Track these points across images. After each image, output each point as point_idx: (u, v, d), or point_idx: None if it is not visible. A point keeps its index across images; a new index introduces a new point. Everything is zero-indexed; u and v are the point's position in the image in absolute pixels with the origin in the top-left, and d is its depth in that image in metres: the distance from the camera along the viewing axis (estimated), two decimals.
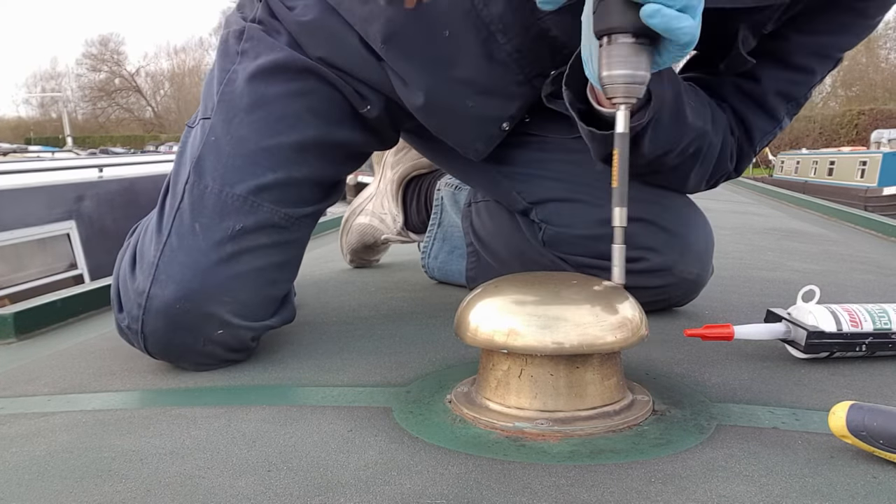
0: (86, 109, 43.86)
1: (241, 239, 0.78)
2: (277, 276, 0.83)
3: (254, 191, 0.79)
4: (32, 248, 4.30)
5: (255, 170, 0.79)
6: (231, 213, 0.78)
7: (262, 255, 0.80)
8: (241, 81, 0.83)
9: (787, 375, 0.73)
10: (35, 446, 0.60)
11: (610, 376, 0.61)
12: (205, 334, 0.76)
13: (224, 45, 0.87)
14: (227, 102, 0.82)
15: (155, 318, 0.75)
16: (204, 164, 0.80)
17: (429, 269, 1.24)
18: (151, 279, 0.75)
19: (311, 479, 0.52)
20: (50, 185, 4.59)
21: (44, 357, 0.89)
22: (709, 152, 0.88)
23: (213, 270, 0.76)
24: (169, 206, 0.80)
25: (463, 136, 0.90)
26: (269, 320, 0.83)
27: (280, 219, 0.81)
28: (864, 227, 2.11)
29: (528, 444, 0.57)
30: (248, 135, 0.81)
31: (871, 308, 0.76)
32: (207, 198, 0.78)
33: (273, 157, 0.80)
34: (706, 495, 0.48)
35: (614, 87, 0.59)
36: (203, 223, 0.77)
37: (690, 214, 0.93)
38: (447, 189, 1.24)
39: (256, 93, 0.82)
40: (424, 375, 0.75)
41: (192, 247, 0.76)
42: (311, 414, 0.65)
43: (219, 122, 0.82)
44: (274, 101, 0.82)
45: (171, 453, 0.57)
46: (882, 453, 0.51)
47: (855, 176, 14.56)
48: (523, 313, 0.59)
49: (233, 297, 0.77)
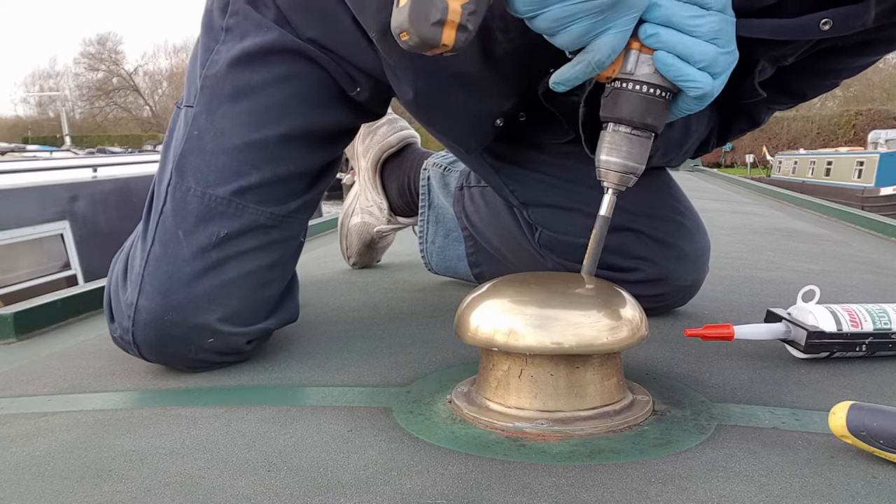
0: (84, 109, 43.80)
1: (226, 245, 0.76)
2: (269, 277, 0.81)
3: (237, 192, 0.76)
4: (26, 248, 4.29)
5: (239, 168, 0.77)
6: (215, 217, 0.75)
7: (249, 260, 0.78)
8: (223, 65, 0.79)
9: (787, 375, 0.73)
10: (35, 446, 0.59)
11: (610, 376, 0.61)
12: (196, 344, 0.75)
13: (208, 18, 0.82)
14: (209, 89, 0.79)
15: (144, 330, 0.74)
16: (186, 162, 0.77)
17: (427, 256, 1.21)
18: (139, 291, 0.74)
19: (311, 479, 0.52)
20: (44, 184, 4.58)
21: (43, 357, 0.89)
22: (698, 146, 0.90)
23: (199, 280, 0.74)
24: (154, 211, 0.78)
25: (455, 131, 0.88)
26: (264, 323, 0.81)
27: (266, 219, 0.78)
28: (863, 226, 2.12)
29: (528, 444, 0.57)
30: (232, 128, 0.77)
31: (872, 308, 0.76)
32: (190, 201, 0.76)
33: (258, 152, 0.78)
34: (706, 495, 0.48)
35: (609, 173, 0.61)
36: (186, 230, 0.75)
37: (684, 222, 0.93)
38: (435, 169, 1.19)
39: (241, 79, 0.78)
40: (424, 375, 0.75)
41: (175, 255, 0.74)
42: (311, 414, 0.65)
43: (201, 112, 0.78)
44: (259, 90, 0.78)
45: (171, 453, 0.57)
46: (882, 453, 0.51)
47: (852, 176, 14.58)
48: (523, 313, 0.59)
49: (222, 306, 0.75)
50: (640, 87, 0.58)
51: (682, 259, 0.91)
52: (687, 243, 0.92)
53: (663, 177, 0.96)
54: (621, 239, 0.91)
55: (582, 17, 0.54)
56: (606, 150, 0.60)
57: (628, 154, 0.60)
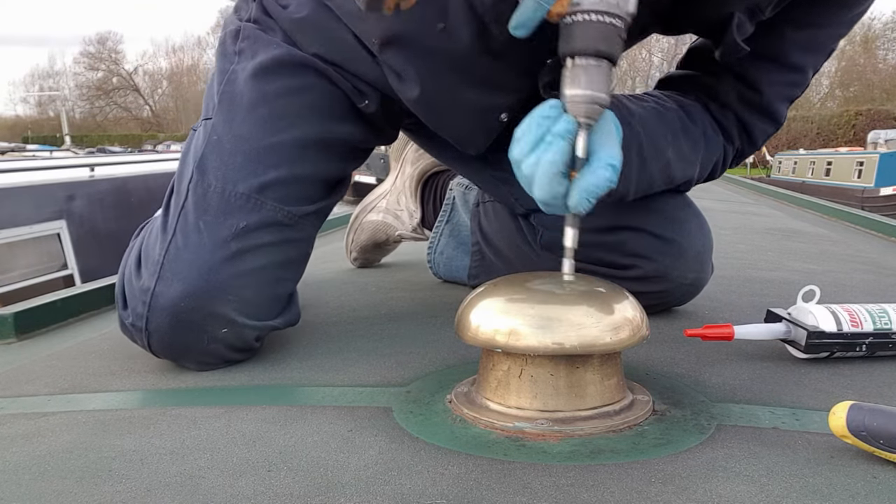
0: (83, 108, 43.78)
1: (244, 237, 0.78)
2: (282, 275, 0.83)
3: (256, 189, 0.79)
4: (22, 247, 4.28)
5: (257, 168, 0.80)
6: (234, 211, 0.78)
7: (266, 254, 0.80)
8: (241, 80, 0.83)
9: (788, 375, 0.73)
10: (35, 446, 0.59)
11: (610, 376, 0.61)
12: (209, 333, 0.76)
13: (222, 47, 0.88)
14: (227, 101, 0.83)
15: (160, 315, 0.75)
16: (207, 162, 0.80)
17: (433, 265, 1.25)
18: (157, 277, 0.76)
19: (311, 479, 0.52)
20: (40, 184, 4.56)
21: (43, 357, 0.89)
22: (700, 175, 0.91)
23: (218, 268, 0.76)
24: (174, 206, 0.80)
25: (460, 128, 0.89)
26: (274, 321, 0.83)
27: (283, 217, 0.81)
28: (863, 226, 2.12)
29: (528, 444, 0.57)
30: (250, 133, 0.81)
31: (872, 308, 0.76)
32: (211, 196, 0.78)
33: (275, 154, 0.81)
34: (706, 495, 0.48)
35: (573, 105, 0.61)
36: (207, 221, 0.77)
37: (684, 218, 0.93)
38: (458, 188, 1.24)
39: (257, 90, 0.82)
40: (424, 375, 0.75)
41: (196, 244, 0.77)
42: (311, 414, 0.65)
43: (220, 121, 0.82)
44: (274, 99, 0.82)
45: (171, 453, 0.57)
46: (882, 453, 0.52)
47: (852, 176, 14.57)
48: (524, 313, 0.59)
49: (238, 296, 0.77)
50: (588, 17, 0.59)
51: (681, 256, 0.90)
52: (686, 240, 0.92)
53: None
54: (618, 236, 0.91)
55: None
56: (568, 84, 0.61)
57: (588, 83, 0.60)
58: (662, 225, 0.91)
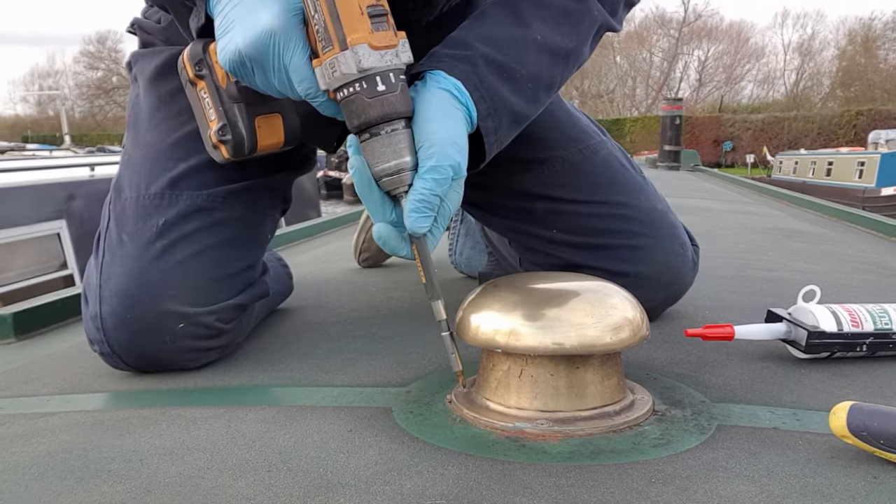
0: (83, 107, 43.76)
1: (168, 233, 0.78)
2: (225, 255, 0.82)
3: (168, 185, 0.80)
4: (22, 247, 4.27)
5: (166, 165, 0.81)
6: (151, 212, 0.79)
7: (195, 240, 0.79)
8: (140, 97, 0.86)
9: (788, 375, 0.73)
10: (35, 446, 0.59)
11: (610, 376, 0.61)
12: (168, 333, 0.76)
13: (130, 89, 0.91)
14: (133, 121, 0.87)
15: (115, 334, 0.75)
16: (121, 181, 0.83)
17: (456, 265, 1.29)
18: (99, 301, 0.76)
19: (311, 479, 0.52)
20: (40, 183, 4.56)
21: (43, 357, 0.89)
22: (581, 42, 0.77)
23: (149, 270, 0.76)
24: (100, 231, 0.82)
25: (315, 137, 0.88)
26: (234, 299, 0.81)
27: (204, 201, 0.81)
28: (864, 226, 2.11)
29: (528, 445, 0.56)
30: (154, 138, 0.83)
31: (872, 308, 0.76)
32: (127, 208, 0.80)
33: (181, 148, 0.82)
34: (706, 495, 0.48)
35: (385, 181, 0.59)
36: (128, 231, 0.78)
37: (638, 243, 0.87)
38: None
39: (153, 96, 0.85)
40: (424, 375, 0.75)
41: (122, 255, 0.77)
42: (311, 414, 0.65)
43: (129, 140, 0.86)
44: (170, 98, 0.83)
45: (171, 453, 0.57)
46: (882, 453, 0.51)
47: (853, 176, 14.56)
48: (524, 314, 0.59)
49: (180, 288, 0.77)
50: (350, 90, 0.58)
51: (640, 285, 0.82)
52: (644, 266, 0.86)
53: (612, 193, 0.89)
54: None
55: None
56: (371, 161, 0.59)
57: (378, 158, 0.58)
58: (613, 257, 0.87)
